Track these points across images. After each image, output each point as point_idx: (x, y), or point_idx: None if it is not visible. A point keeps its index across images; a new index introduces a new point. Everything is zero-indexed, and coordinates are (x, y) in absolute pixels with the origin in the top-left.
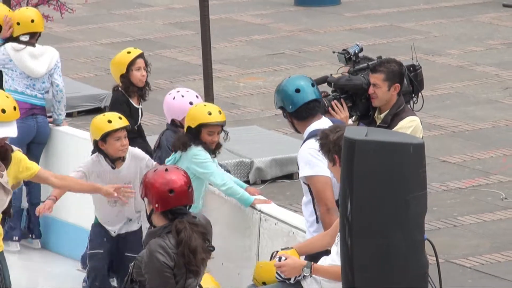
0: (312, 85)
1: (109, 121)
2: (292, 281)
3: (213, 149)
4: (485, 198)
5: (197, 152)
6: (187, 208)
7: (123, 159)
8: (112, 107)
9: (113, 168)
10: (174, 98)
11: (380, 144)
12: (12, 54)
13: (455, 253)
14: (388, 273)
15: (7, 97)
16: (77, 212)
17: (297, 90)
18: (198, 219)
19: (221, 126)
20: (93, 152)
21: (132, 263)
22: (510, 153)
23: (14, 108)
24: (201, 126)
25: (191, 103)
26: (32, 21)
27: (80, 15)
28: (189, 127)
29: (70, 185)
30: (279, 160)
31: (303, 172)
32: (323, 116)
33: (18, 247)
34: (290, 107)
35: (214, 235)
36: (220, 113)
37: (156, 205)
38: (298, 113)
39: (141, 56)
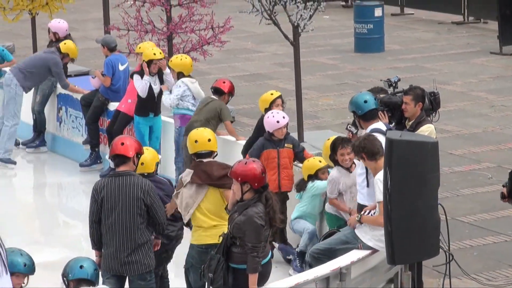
0: (374, 98)
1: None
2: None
3: None
4: (478, 177)
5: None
6: None
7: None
8: (256, 125)
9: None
10: (268, 117)
11: (409, 142)
12: (190, 85)
13: (458, 213)
14: (414, 225)
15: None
16: None
17: (365, 101)
18: None
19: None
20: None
21: (231, 225)
22: (495, 148)
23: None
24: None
25: (277, 122)
26: (191, 66)
27: (216, 58)
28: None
29: None
30: None
31: None
32: (379, 120)
33: None
34: (360, 112)
35: None
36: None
37: (255, 183)
38: (365, 116)
39: (279, 97)
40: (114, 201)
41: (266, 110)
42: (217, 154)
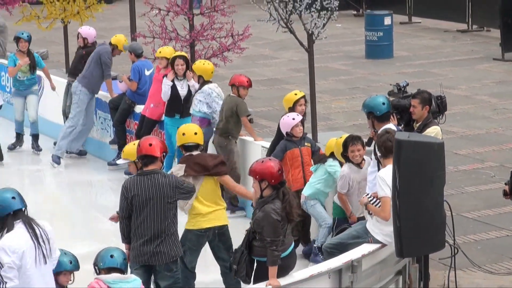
0: (388, 101)
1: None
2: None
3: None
4: (481, 176)
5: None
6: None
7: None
8: (278, 127)
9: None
10: (283, 119)
11: (417, 143)
12: (219, 90)
13: (462, 209)
14: (421, 221)
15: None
16: None
17: (383, 103)
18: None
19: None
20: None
21: (252, 221)
22: (497, 148)
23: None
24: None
25: (293, 119)
26: (212, 72)
27: (236, 64)
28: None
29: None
30: None
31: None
32: (390, 122)
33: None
34: (378, 112)
35: None
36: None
37: (272, 180)
38: (381, 117)
39: (303, 97)
40: (146, 198)
41: (290, 109)
42: (203, 148)
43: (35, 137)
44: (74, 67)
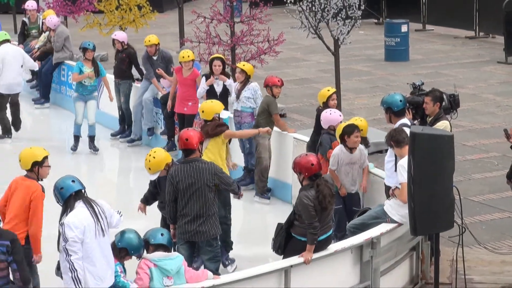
0: (404, 98)
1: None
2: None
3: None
4: (486, 164)
5: None
6: (320, 173)
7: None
8: (316, 122)
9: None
10: (330, 114)
11: (430, 135)
12: (259, 89)
13: (469, 193)
14: (433, 204)
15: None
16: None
17: (400, 100)
18: (328, 179)
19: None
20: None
21: (295, 204)
22: (501, 141)
23: None
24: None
25: (340, 115)
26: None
27: (271, 65)
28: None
29: None
30: (375, 142)
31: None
32: (405, 117)
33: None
34: (395, 108)
35: None
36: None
37: (306, 173)
38: (398, 112)
39: (334, 92)
40: (189, 183)
41: (324, 103)
42: (215, 118)
43: (91, 138)
44: (117, 68)
